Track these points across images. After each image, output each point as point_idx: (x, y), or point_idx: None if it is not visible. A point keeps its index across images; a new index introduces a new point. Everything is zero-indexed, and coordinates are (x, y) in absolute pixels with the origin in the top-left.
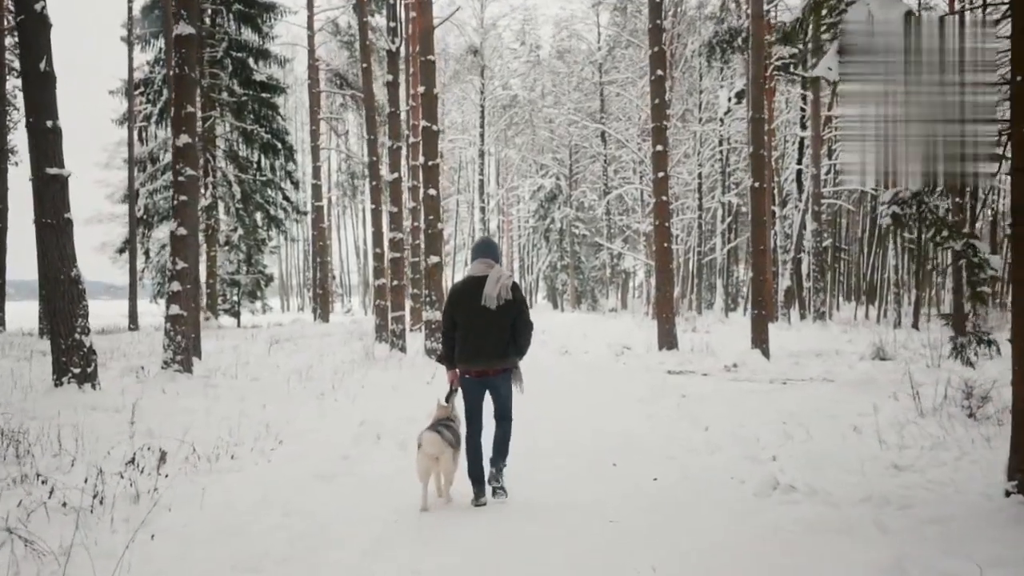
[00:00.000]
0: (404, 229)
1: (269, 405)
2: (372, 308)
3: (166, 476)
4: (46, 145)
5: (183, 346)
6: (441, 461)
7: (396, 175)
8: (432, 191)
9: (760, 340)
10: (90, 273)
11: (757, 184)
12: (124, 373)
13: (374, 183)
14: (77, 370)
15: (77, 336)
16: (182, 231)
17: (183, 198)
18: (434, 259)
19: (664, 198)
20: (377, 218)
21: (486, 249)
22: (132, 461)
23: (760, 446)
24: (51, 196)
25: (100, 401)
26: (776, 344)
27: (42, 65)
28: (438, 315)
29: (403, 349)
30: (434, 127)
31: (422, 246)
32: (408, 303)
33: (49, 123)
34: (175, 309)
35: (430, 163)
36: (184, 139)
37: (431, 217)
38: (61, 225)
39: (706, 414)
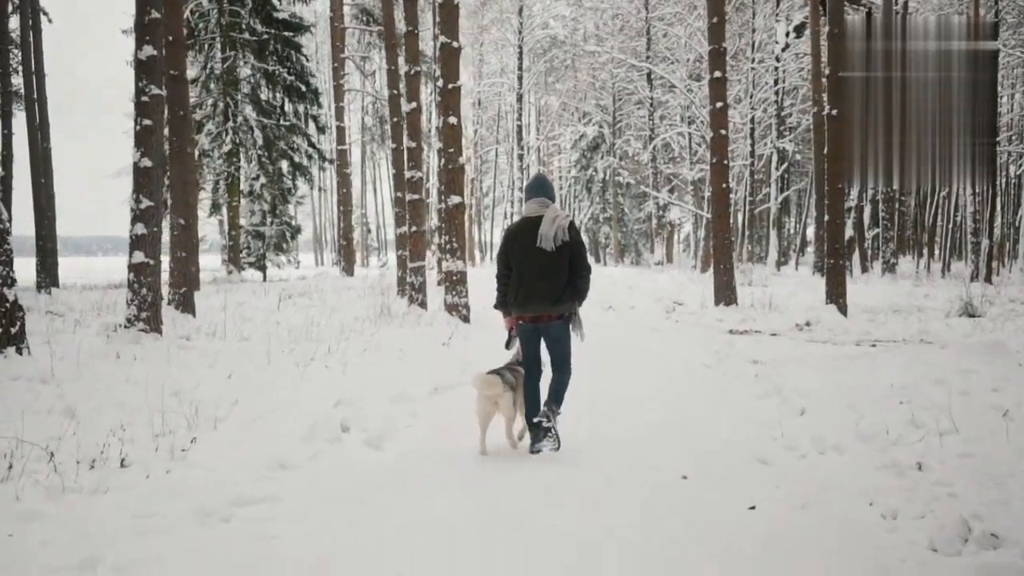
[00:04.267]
0: (425, 169)
1: (236, 375)
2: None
3: None
4: None
5: (149, 300)
6: (500, 405)
7: (414, 104)
8: (452, 119)
9: (836, 294)
10: (125, 229)
11: (836, 112)
12: (99, 332)
13: (395, 119)
14: None
15: None
16: (146, 162)
17: (147, 122)
18: (455, 199)
19: (723, 131)
20: (398, 157)
21: (540, 188)
22: None
23: (890, 441)
24: None
25: (23, 370)
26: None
27: None
28: (460, 265)
29: (423, 304)
30: (454, 44)
31: (442, 187)
32: (435, 254)
33: None
34: (139, 256)
35: (450, 86)
36: (148, 51)
37: (451, 150)
38: None
39: (794, 389)
